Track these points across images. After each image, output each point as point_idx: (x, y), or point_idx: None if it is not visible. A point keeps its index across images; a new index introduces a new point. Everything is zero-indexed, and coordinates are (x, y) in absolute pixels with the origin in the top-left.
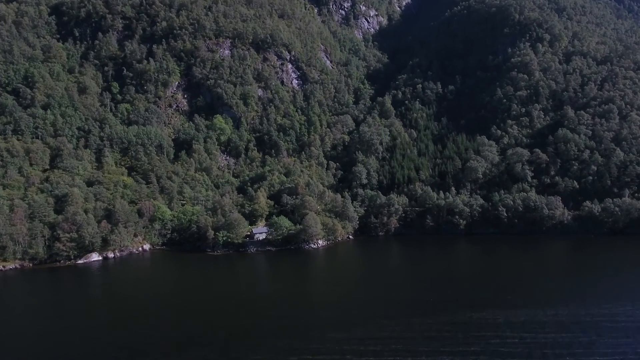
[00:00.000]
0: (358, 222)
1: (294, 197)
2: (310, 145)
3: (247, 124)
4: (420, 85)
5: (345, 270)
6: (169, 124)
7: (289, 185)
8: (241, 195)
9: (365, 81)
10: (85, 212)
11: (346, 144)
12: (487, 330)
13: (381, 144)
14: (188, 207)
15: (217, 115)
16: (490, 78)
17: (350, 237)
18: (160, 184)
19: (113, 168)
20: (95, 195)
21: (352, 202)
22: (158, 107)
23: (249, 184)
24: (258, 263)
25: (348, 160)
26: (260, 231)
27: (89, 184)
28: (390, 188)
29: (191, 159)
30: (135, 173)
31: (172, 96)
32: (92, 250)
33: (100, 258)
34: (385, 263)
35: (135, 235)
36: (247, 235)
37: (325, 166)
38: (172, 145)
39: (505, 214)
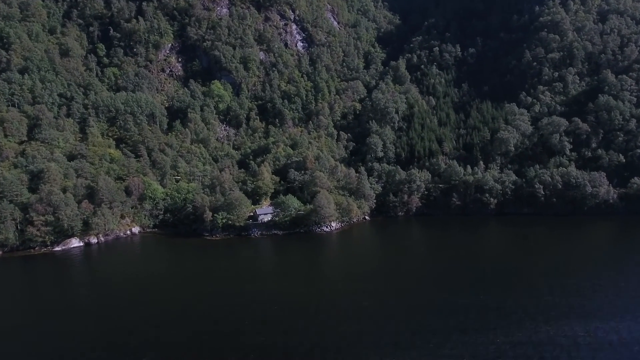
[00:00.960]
0: (375, 201)
1: (303, 172)
2: (319, 114)
3: (248, 91)
4: (437, 49)
5: (364, 261)
6: (161, 90)
7: (297, 159)
8: (243, 170)
9: (376, 44)
10: (64, 190)
11: (358, 112)
12: None
13: (397, 112)
14: (183, 183)
15: (215, 81)
16: (516, 40)
17: (367, 217)
18: (151, 158)
19: (99, 140)
20: (77, 171)
21: (367, 178)
22: (149, 71)
23: (251, 157)
24: (263, 250)
25: (360, 131)
26: (265, 212)
27: (71, 157)
28: (409, 162)
29: (186, 130)
30: (123, 145)
31: (165, 60)
32: (72, 235)
33: (82, 244)
34: (408, 251)
35: (123, 217)
36: (249, 217)
37: (336, 137)
38: (165, 114)
39: (543, 192)
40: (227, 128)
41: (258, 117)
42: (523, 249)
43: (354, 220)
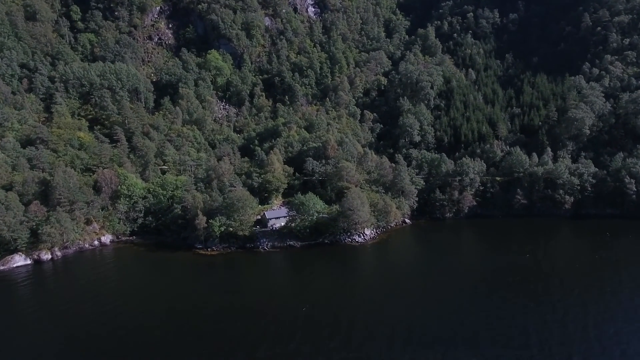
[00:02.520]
0: (417, 199)
1: (323, 161)
2: (336, 89)
3: (252, 63)
4: (471, 14)
5: (426, 298)
6: (147, 62)
7: (314, 145)
8: (246, 159)
9: (398, 11)
10: (6, 189)
11: (383, 88)
12: None
13: (432, 87)
14: (170, 176)
15: (212, 50)
16: (567, 3)
17: (407, 221)
18: (131, 143)
19: (67, 120)
20: (31, 161)
21: (406, 169)
22: (134, 39)
23: (256, 142)
24: (276, 272)
25: (388, 110)
26: (277, 215)
27: (28, 142)
28: (453, 148)
29: (177, 108)
30: (99, 127)
31: (153, 25)
32: (15, 251)
33: (29, 262)
34: (479, 276)
35: (88, 223)
36: (256, 222)
37: (359, 117)
38: (152, 89)
39: (635, 189)
40: (227, 107)
41: (264, 94)
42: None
43: (392, 225)
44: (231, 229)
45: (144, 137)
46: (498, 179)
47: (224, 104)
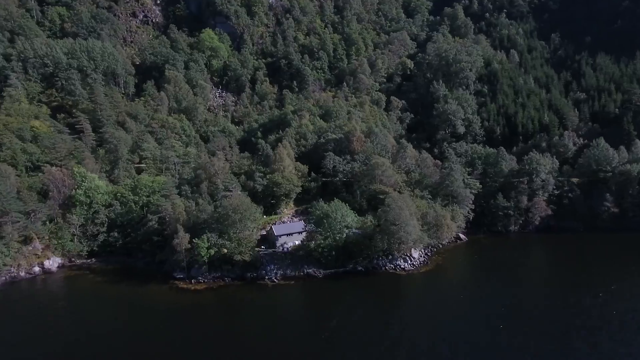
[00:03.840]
0: (472, 206)
1: (347, 157)
2: (355, 73)
3: (253, 45)
4: None
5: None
6: (131, 42)
7: (334, 136)
8: (247, 153)
9: None
10: None
11: (410, 72)
12: None
13: (471, 69)
14: (146, 177)
15: (207, 29)
16: None
17: (462, 236)
18: (98, 134)
19: (23, 107)
20: None
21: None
22: (114, 15)
23: (259, 133)
24: (293, 323)
25: (418, 98)
26: (289, 230)
27: None
28: (508, 141)
29: (161, 94)
30: (64, 116)
31: (138, 1)
32: None
33: None
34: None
35: (28, 241)
36: (260, 239)
37: (384, 105)
38: (133, 72)
39: None
40: (224, 94)
41: (267, 79)
42: None
43: (443, 243)
44: (225, 250)
45: (118, 127)
46: (575, 180)
47: (220, 91)
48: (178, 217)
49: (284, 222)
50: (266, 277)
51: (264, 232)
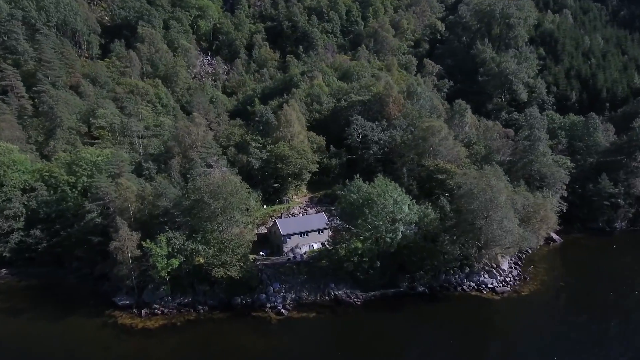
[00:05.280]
0: (565, 193)
1: (382, 123)
2: (375, 35)
3: (250, 7)
4: None
5: None
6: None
7: (360, 97)
8: (239, 120)
9: None
10: None
11: (441, 37)
12: None
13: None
14: (90, 150)
15: None
16: None
17: (554, 236)
18: (36, 100)
19: None
20: None
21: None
22: None
23: (256, 100)
24: None
25: (455, 63)
26: (304, 227)
27: None
28: (586, 111)
29: (130, 54)
30: None
31: None
32: None
33: None
34: None
35: None
36: (258, 242)
37: (415, 70)
38: (99, 31)
39: None
40: (213, 61)
41: (267, 44)
42: None
43: (531, 247)
44: (199, 260)
45: (69, 91)
46: None
47: (209, 57)
48: (125, 205)
49: (293, 215)
50: (268, 305)
51: (263, 230)
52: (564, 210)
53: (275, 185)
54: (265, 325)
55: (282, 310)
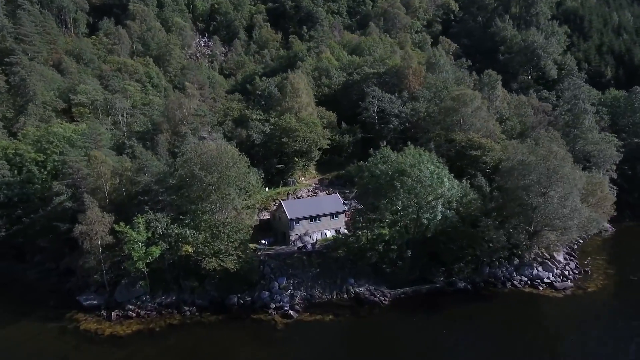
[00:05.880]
0: (616, 176)
1: (402, 95)
2: (384, 14)
3: None
4: None
5: None
6: None
7: (373, 70)
8: (237, 95)
9: None
10: None
11: (455, 17)
12: None
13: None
14: (63, 125)
15: None
16: None
17: (605, 224)
18: (13, 77)
19: None
20: None
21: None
22: None
23: (257, 78)
24: None
25: (471, 45)
26: (315, 210)
27: None
28: (623, 87)
29: (119, 31)
30: None
31: None
32: None
33: None
34: None
35: None
36: (260, 228)
37: (429, 49)
38: (87, 8)
39: None
40: (210, 43)
41: (268, 24)
42: None
43: (588, 235)
44: (187, 249)
45: (49, 68)
46: None
47: (206, 39)
48: (99, 183)
49: (300, 197)
50: (272, 306)
51: (266, 216)
52: (614, 194)
53: (280, 166)
54: (269, 331)
55: (290, 312)
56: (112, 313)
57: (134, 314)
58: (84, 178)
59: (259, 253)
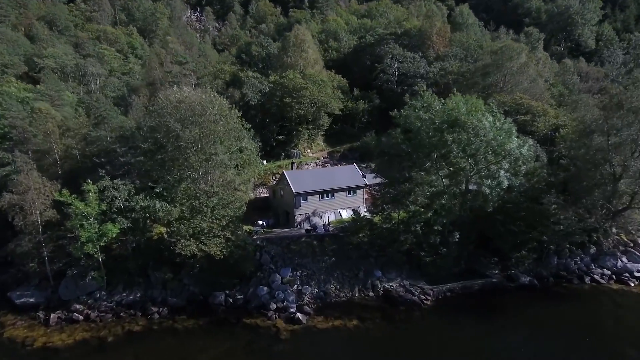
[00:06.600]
0: None
1: (427, 54)
2: None
3: None
4: None
5: None
6: None
7: (389, 31)
8: (231, 57)
9: None
10: None
11: None
12: None
13: None
14: (15, 84)
15: None
16: None
17: None
18: None
19: None
20: None
21: None
22: None
23: (253, 47)
24: None
25: (488, 19)
26: (326, 184)
27: None
28: None
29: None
30: None
31: None
32: None
33: None
34: None
35: None
36: (257, 208)
37: (446, 19)
38: None
39: None
40: (203, 17)
41: None
42: None
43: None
44: (159, 230)
45: (18, 33)
46: None
47: (197, 14)
48: (48, 144)
49: (308, 170)
50: (272, 306)
51: (264, 194)
52: None
53: (280, 137)
54: (268, 341)
55: (298, 315)
56: (52, 315)
57: (81, 317)
58: (27, 138)
59: (254, 237)
